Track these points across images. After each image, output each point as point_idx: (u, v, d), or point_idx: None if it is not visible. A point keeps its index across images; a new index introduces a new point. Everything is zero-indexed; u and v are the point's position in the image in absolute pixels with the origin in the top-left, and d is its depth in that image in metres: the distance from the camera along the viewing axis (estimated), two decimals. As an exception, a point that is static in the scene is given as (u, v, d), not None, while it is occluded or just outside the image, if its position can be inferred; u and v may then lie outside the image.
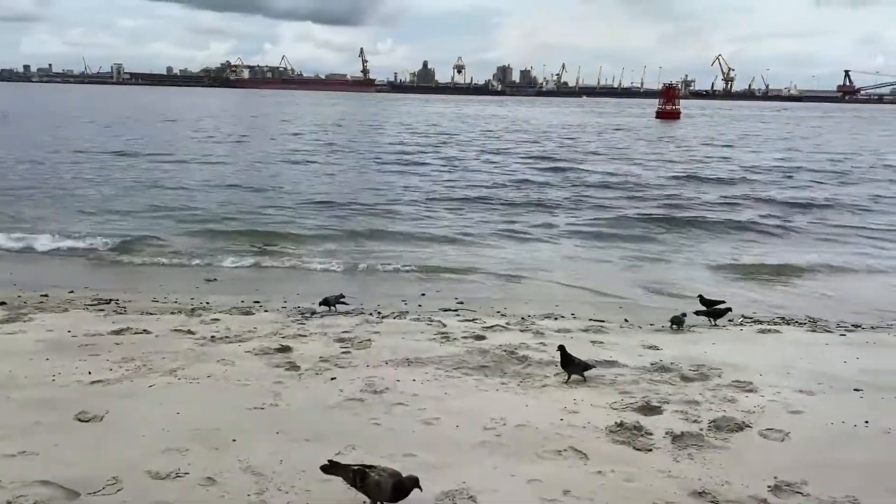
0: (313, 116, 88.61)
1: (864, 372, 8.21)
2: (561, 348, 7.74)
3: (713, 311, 11.07)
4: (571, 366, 7.64)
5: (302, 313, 10.95)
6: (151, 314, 10.52)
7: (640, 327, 10.82)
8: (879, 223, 22.19)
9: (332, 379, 7.50)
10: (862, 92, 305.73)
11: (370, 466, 4.90)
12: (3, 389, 6.90)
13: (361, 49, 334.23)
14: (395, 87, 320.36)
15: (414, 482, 4.82)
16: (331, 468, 4.99)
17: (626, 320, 11.33)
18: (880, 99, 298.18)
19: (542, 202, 25.04)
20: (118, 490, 5.06)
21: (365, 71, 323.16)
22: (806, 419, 6.63)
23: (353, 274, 14.76)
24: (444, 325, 10.17)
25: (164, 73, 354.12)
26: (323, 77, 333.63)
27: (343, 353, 8.55)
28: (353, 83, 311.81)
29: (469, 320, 10.69)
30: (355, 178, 30.88)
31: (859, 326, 11.17)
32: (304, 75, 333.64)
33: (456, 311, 11.68)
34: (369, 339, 9.13)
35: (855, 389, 7.57)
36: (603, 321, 11.08)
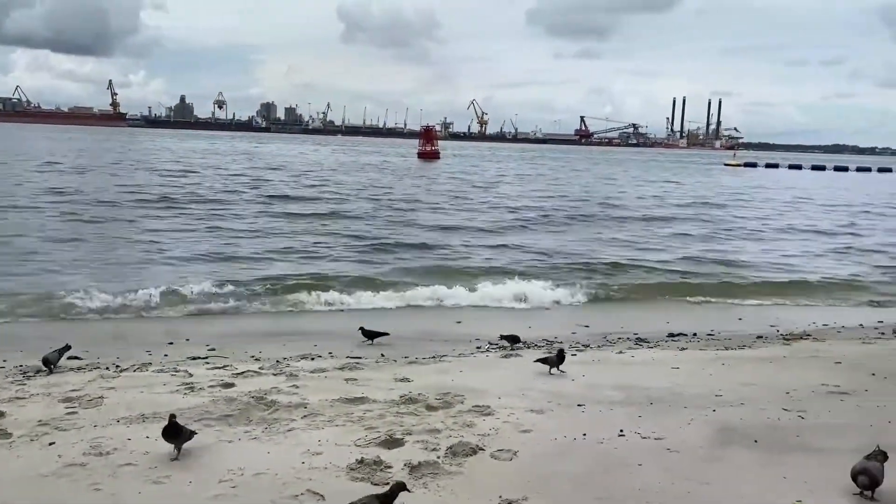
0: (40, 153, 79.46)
1: (587, 387, 9.05)
2: (171, 417, 6.56)
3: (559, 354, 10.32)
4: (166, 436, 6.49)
5: (24, 372, 9.76)
6: None
7: (395, 360, 11.02)
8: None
9: (51, 444, 6.74)
10: (595, 136, 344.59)
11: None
12: None
13: (110, 81, 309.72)
14: (150, 121, 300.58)
15: (401, 486, 5.29)
16: None
17: (382, 355, 11.49)
18: (609, 142, 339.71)
19: (296, 243, 24.66)
20: None
21: (115, 104, 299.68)
22: (533, 437, 7.14)
23: (92, 323, 13.51)
24: (191, 375, 9.60)
25: None
26: (66, 110, 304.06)
27: (68, 413, 7.72)
28: (102, 117, 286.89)
29: (219, 367, 10.19)
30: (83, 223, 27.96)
31: (588, 346, 12.34)
32: (44, 108, 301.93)
33: (206, 358, 11.09)
34: (101, 397, 8.34)
35: (578, 405, 8.30)
36: (360, 357, 11.17)
